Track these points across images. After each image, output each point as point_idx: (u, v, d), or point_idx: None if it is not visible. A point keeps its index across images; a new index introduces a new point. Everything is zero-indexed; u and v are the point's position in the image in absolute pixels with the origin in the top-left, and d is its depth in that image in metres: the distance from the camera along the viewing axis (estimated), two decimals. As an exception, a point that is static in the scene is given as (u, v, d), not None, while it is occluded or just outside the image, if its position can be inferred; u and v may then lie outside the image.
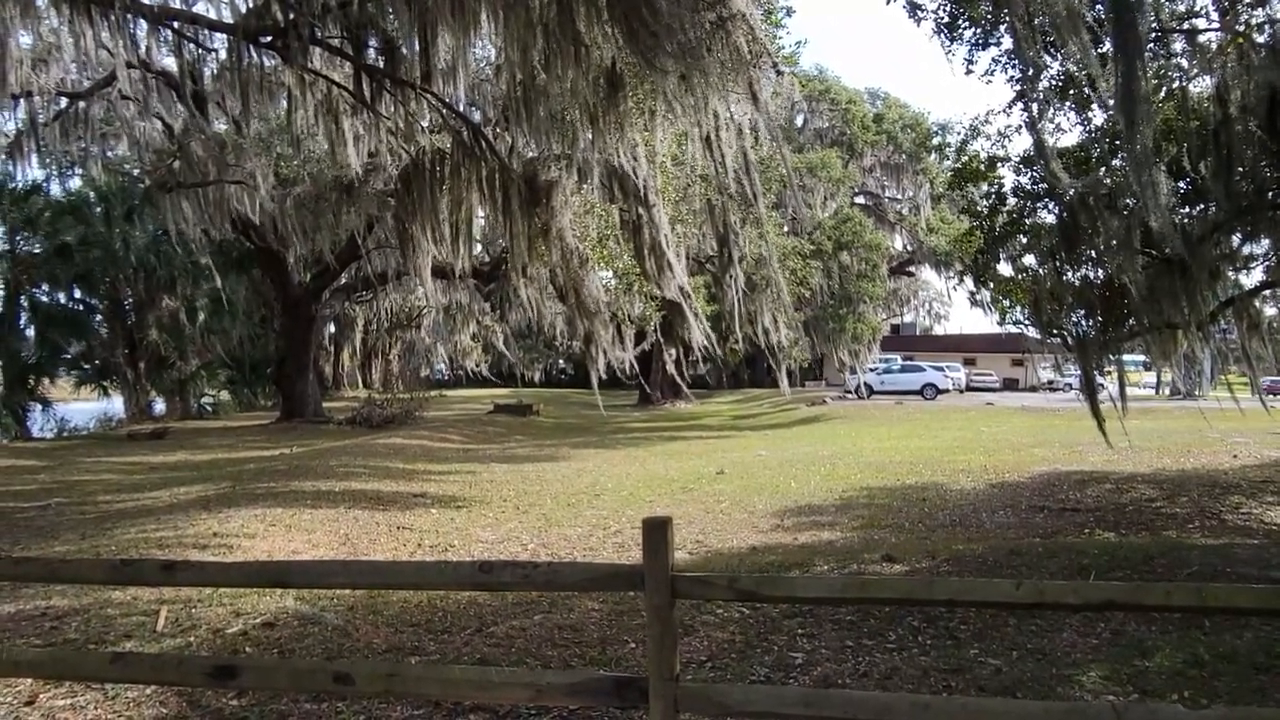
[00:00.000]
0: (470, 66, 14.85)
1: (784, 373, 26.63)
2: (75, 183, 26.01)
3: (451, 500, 11.86)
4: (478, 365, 44.01)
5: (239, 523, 9.18)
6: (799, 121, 36.21)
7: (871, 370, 36.10)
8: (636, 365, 17.86)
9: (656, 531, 3.15)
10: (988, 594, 3.22)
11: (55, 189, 25.42)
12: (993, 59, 8.50)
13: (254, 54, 11.20)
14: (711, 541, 8.89)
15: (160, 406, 28.94)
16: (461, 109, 14.03)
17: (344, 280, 26.60)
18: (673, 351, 26.09)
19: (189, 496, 11.42)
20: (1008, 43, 8.03)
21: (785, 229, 28.54)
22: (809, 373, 43.89)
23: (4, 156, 20.15)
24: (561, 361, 54.73)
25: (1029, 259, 9.95)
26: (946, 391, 36.91)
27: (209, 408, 30.19)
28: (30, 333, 24.64)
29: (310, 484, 12.24)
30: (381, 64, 11.58)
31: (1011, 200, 9.41)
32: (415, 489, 12.63)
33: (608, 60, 10.23)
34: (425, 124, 13.29)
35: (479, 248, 25.50)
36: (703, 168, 16.15)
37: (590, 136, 11.45)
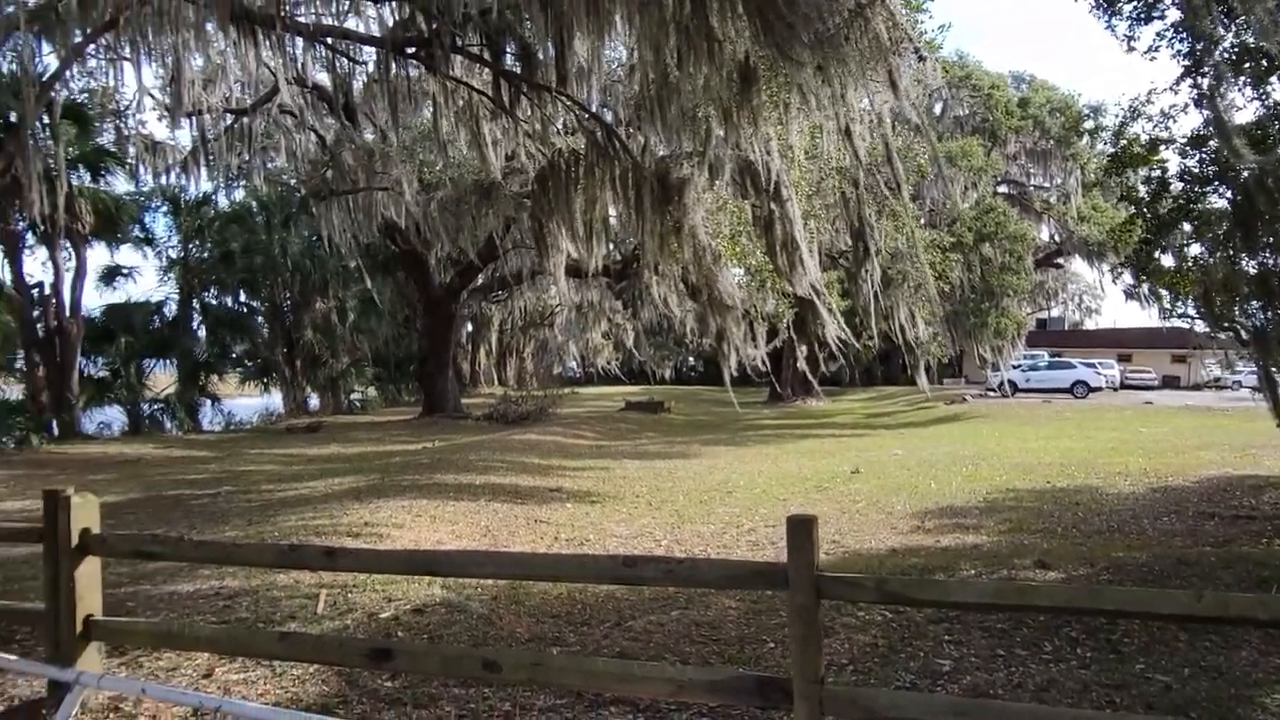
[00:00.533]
0: (603, 68, 15.04)
1: (922, 370, 25.76)
2: (239, 194, 27.98)
3: (586, 495, 12.06)
4: (609, 363, 44.67)
5: (388, 513, 9.61)
6: (937, 109, 34.88)
7: (1016, 367, 34.46)
8: (768, 362, 17.66)
9: (801, 529, 3.09)
10: (1162, 605, 3.01)
11: (222, 200, 27.46)
12: (1157, 33, 7.92)
13: (400, 65, 11.74)
14: (848, 542, 8.69)
15: (314, 402, 30.75)
16: (594, 110, 14.26)
17: (481, 280, 27.52)
18: (804, 348, 25.72)
19: (342, 487, 12.05)
20: (1174, 15, 7.46)
21: (922, 221, 27.59)
22: (947, 369, 42.33)
23: (179, 171, 21.85)
24: (691, 359, 54.92)
25: (1196, 248, 9.24)
26: (1099, 389, 34.85)
27: (358, 403, 31.84)
28: (201, 333, 26.74)
29: (452, 477, 12.70)
30: (519, 69, 11.91)
31: (1177, 185, 8.74)
32: (551, 484, 12.90)
33: (741, 54, 10.15)
34: (560, 126, 13.57)
35: (610, 246, 25.89)
36: (837, 160, 15.82)
37: (723, 132, 11.41)
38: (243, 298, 28.45)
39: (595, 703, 4.20)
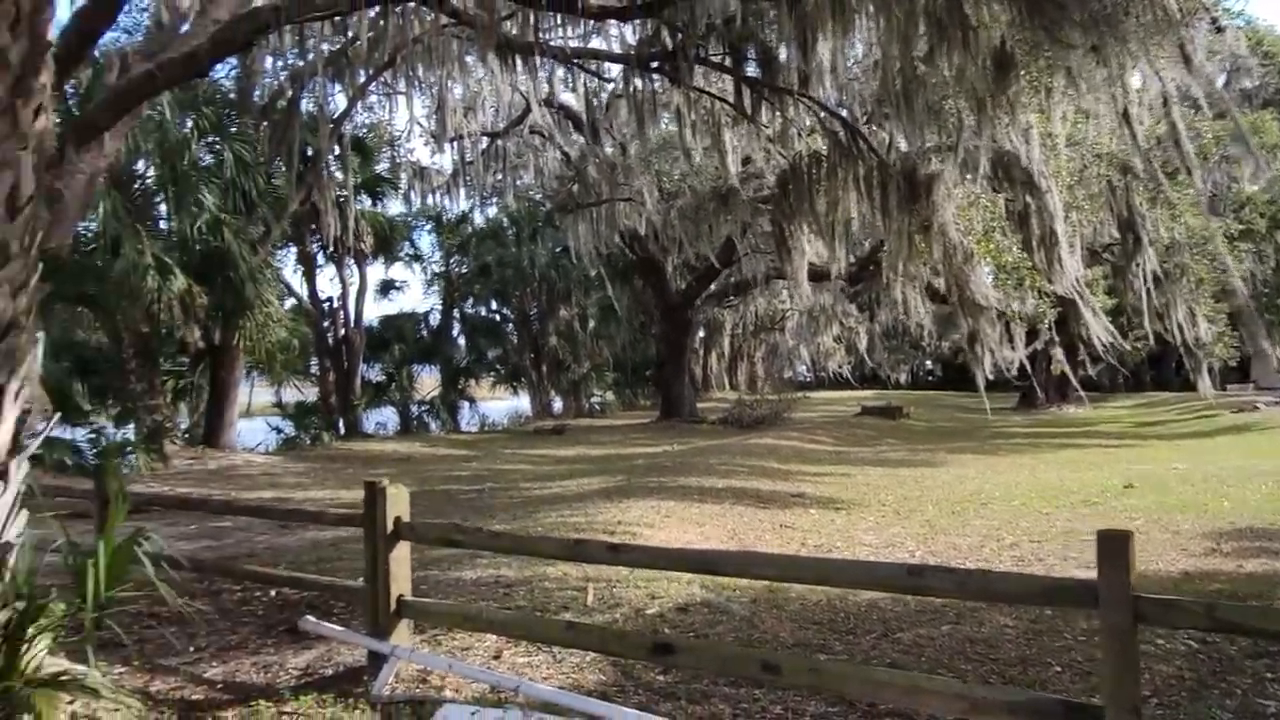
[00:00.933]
0: (842, 67, 14.78)
1: (1204, 374, 23.04)
2: (492, 211, 30.17)
3: (830, 502, 11.85)
4: (840, 367, 43.67)
5: (638, 513, 9.93)
6: (1219, 82, 31.06)
7: (1324, 371, 29.98)
8: (1029, 365, 16.50)
9: (1115, 545, 2.87)
10: None
11: (478, 217, 29.76)
12: None
13: (644, 79, 12.14)
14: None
15: (558, 404, 32.46)
16: (834, 109, 14.04)
17: (714, 286, 27.89)
18: (1060, 350, 23.88)
19: (591, 487, 12.62)
20: None
21: (1202, 208, 24.69)
22: (1233, 374, 37.52)
23: (442, 192, 23.90)
24: (929, 363, 52.57)
25: None
26: None
27: (598, 406, 33.22)
28: (461, 340, 29.13)
29: (695, 480, 12.92)
30: (760, 74, 11.95)
31: None
32: (793, 489, 12.80)
33: (996, 41, 9.64)
34: (798, 128, 13.47)
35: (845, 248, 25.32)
36: (1107, 145, 14.54)
37: (975, 123, 10.89)
38: (494, 307, 30.65)
39: (869, 714, 4.11)
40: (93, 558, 4.39)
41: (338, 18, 12.92)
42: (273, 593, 6.50)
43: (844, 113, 17.81)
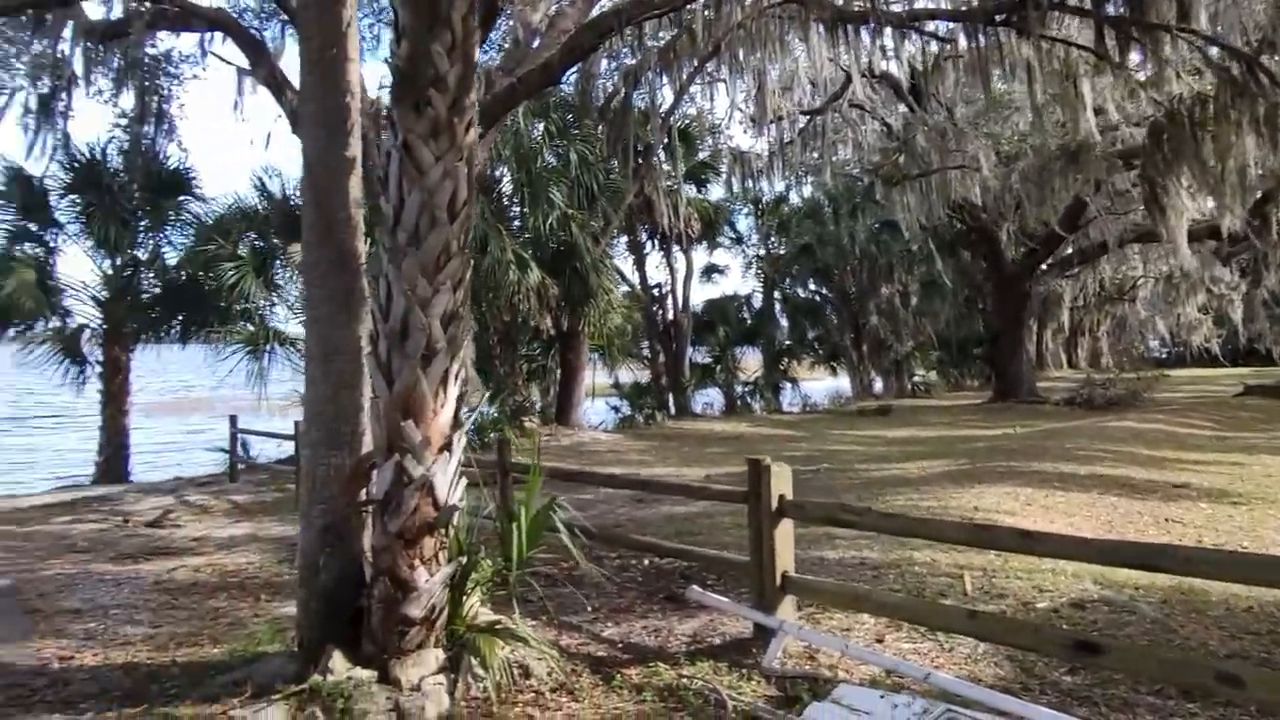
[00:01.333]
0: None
1: None
2: (808, 190, 29.89)
3: (1222, 494, 10.35)
4: (1206, 341, 38.15)
5: (993, 499, 9.34)
6: None
7: None
8: None
9: None
10: None
11: (794, 197, 29.66)
12: None
13: (985, 36, 11.28)
14: None
15: (878, 385, 31.56)
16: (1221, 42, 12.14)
17: (1052, 256, 25.53)
18: None
19: (934, 470, 12.08)
20: None
21: None
22: None
23: (759, 174, 24.07)
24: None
25: None
26: None
27: (921, 386, 31.84)
28: (782, 321, 29.31)
29: (1050, 465, 11.90)
30: (1125, 12, 10.64)
31: None
32: (1172, 478, 11.35)
33: None
34: (1175, 68, 11.83)
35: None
36: None
37: None
38: (813, 286, 30.43)
39: (1346, 745, 3.50)
40: (516, 521, 4.94)
41: (671, 13, 13.47)
42: (646, 561, 6.93)
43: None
